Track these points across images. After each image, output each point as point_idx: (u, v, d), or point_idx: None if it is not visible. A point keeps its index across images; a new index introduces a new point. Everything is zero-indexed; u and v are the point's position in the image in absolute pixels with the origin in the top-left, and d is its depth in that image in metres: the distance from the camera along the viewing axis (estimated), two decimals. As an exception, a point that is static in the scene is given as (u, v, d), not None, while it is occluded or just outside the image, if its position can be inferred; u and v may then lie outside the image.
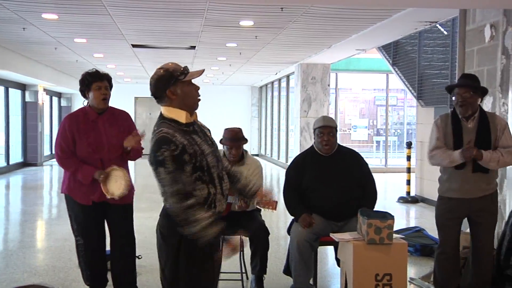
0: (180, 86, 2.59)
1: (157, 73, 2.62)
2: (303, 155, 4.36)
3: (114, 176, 3.74)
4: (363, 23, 7.31)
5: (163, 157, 2.43)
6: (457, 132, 3.84)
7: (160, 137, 2.49)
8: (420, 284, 4.63)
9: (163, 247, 2.65)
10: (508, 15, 4.89)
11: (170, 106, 2.59)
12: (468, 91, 3.81)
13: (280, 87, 16.81)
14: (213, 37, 8.64)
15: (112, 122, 3.88)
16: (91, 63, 12.61)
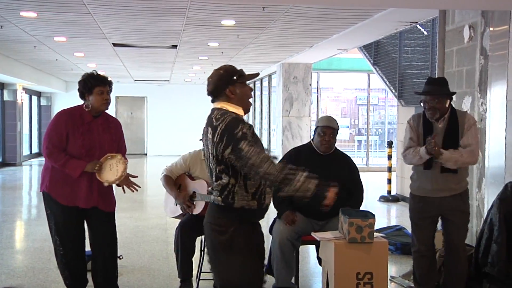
0: (238, 86, 2.77)
1: (217, 73, 2.81)
2: (299, 149, 4.38)
3: (109, 164, 3.72)
4: (345, 23, 7.33)
5: (241, 132, 2.59)
6: (427, 133, 3.89)
7: (232, 118, 2.64)
8: (400, 282, 4.66)
9: (215, 243, 2.70)
10: (486, 16, 4.95)
11: (228, 102, 2.75)
12: (433, 98, 3.86)
13: (262, 87, 16.79)
14: (195, 36, 8.59)
15: (106, 128, 3.87)
16: (71, 62, 12.46)
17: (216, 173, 2.71)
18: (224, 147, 2.60)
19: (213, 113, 2.73)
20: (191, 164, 4.43)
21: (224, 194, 2.67)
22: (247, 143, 2.58)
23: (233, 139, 2.58)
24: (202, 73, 14.84)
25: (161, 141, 19.15)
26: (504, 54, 4.63)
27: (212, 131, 2.67)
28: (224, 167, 2.67)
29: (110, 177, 3.71)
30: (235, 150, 2.57)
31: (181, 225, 4.29)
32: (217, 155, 2.65)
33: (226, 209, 2.68)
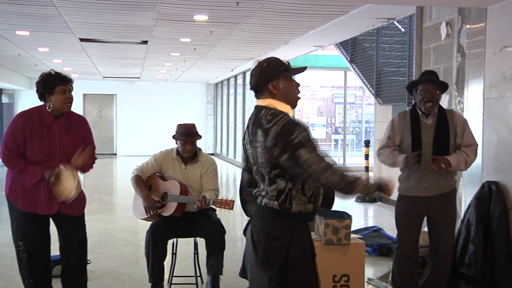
0: (283, 81, 2.59)
1: (260, 66, 2.64)
2: None
3: (64, 176, 3.52)
4: (321, 19, 7.27)
5: (299, 138, 2.44)
6: (415, 129, 3.82)
7: (287, 122, 2.48)
8: (377, 284, 4.59)
9: (270, 249, 2.58)
10: (462, 13, 4.91)
11: (273, 98, 2.57)
12: (436, 87, 3.80)
13: (236, 84, 16.67)
14: (166, 31, 8.43)
15: (68, 129, 3.67)
16: (35, 57, 12.10)
17: (270, 177, 2.56)
18: (281, 153, 2.46)
19: (261, 113, 2.55)
20: (163, 163, 4.32)
21: (281, 199, 2.54)
22: (306, 150, 2.44)
23: (290, 146, 2.44)
24: (174, 70, 14.65)
25: (131, 141, 18.84)
26: (480, 52, 4.59)
27: (264, 134, 2.50)
28: (280, 171, 2.52)
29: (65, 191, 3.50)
30: (293, 158, 2.44)
31: (152, 228, 4.16)
32: (271, 160, 2.51)
33: (283, 214, 2.56)
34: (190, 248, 4.61)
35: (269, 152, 2.48)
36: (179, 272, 4.63)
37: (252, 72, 2.65)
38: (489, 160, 4.38)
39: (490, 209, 4.21)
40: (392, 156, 3.82)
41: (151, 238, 4.09)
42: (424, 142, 3.80)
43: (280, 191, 2.54)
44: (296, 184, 2.53)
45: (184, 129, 4.27)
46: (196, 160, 4.28)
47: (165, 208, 4.16)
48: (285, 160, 2.45)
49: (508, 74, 4.19)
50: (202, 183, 4.24)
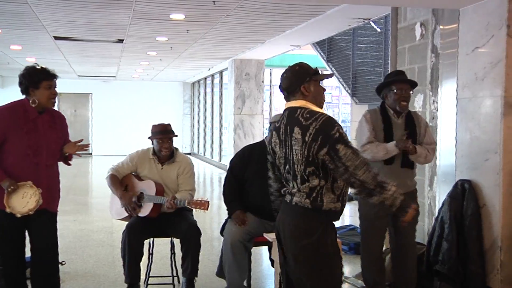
0: (313, 84, 2.72)
1: (293, 69, 2.76)
2: (252, 147, 4.29)
3: (23, 191, 3.43)
4: (298, 18, 7.28)
5: (338, 134, 2.53)
6: (387, 128, 3.89)
7: (327, 118, 2.59)
8: (353, 282, 4.63)
9: (301, 246, 2.64)
10: (436, 14, 4.97)
11: (305, 100, 2.70)
12: (409, 87, 3.90)
13: (213, 83, 16.61)
14: (143, 30, 8.33)
15: (52, 124, 3.61)
16: (7, 55, 11.86)
17: (303, 175, 2.62)
18: (319, 148, 2.54)
19: (297, 113, 2.64)
20: (139, 163, 4.28)
21: (313, 196, 2.61)
22: (345, 146, 2.52)
23: (330, 140, 2.52)
24: (150, 69, 14.52)
25: (107, 140, 18.59)
26: (454, 53, 4.66)
27: (302, 131, 2.58)
28: (314, 168, 2.59)
29: (17, 207, 3.42)
30: (331, 152, 2.52)
31: (128, 228, 4.12)
32: (308, 156, 2.57)
33: (314, 212, 2.62)
34: (166, 248, 4.58)
35: (308, 147, 2.55)
36: (155, 272, 4.60)
37: (284, 74, 2.76)
38: (462, 159, 4.45)
39: (463, 207, 4.28)
40: (383, 147, 3.82)
41: (127, 238, 4.05)
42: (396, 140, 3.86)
43: (312, 188, 2.61)
44: (327, 182, 2.60)
45: (160, 127, 4.25)
46: (172, 160, 4.25)
47: (141, 208, 4.13)
48: (324, 154, 2.53)
49: (480, 74, 4.26)
50: (178, 183, 4.22)
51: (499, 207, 4.05)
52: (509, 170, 4.04)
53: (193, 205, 3.99)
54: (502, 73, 4.03)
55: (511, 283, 4.04)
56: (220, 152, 15.43)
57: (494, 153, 4.09)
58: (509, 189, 4.04)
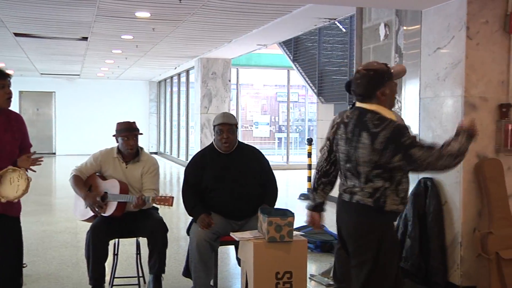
0: (388, 86, 2.74)
1: (366, 75, 2.74)
2: (202, 153, 4.23)
3: (9, 178, 3.38)
4: (264, 18, 7.30)
5: (410, 140, 2.62)
6: None
7: (396, 127, 2.64)
8: (320, 280, 4.67)
9: (363, 243, 2.77)
10: (400, 15, 5.06)
11: (379, 105, 2.73)
12: None
13: (179, 82, 16.50)
14: (107, 28, 8.21)
15: (7, 127, 3.50)
16: (-37, 52, 11.49)
17: (367, 176, 2.72)
18: (392, 155, 2.63)
19: (367, 117, 2.70)
20: (103, 163, 4.22)
21: (376, 196, 2.70)
22: (417, 148, 2.61)
23: (403, 148, 2.61)
24: (115, 67, 14.33)
25: (71, 139, 18.23)
26: (416, 53, 4.74)
27: (371, 137, 2.65)
28: (382, 171, 2.69)
29: (10, 193, 3.37)
30: (407, 157, 2.61)
31: (93, 228, 4.06)
32: (378, 161, 2.66)
33: (376, 210, 2.72)
34: (132, 249, 4.53)
35: (378, 154, 2.64)
36: (121, 273, 4.54)
37: (358, 81, 2.75)
38: (424, 157, 4.53)
39: (426, 205, 4.37)
40: None
41: (92, 239, 3.99)
42: None
43: (376, 189, 2.70)
44: (392, 185, 2.70)
45: (125, 125, 4.20)
46: (137, 159, 4.20)
47: (106, 208, 4.07)
48: (398, 161, 2.62)
49: (441, 74, 4.36)
50: (142, 182, 4.17)
51: (460, 204, 4.16)
52: (469, 168, 4.14)
53: (157, 201, 3.95)
54: (462, 74, 4.13)
55: (470, 278, 4.15)
56: (187, 152, 15.34)
57: (455, 152, 4.18)
58: (469, 187, 4.15)
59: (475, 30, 4.11)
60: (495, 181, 4.09)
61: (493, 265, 3.95)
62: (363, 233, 2.77)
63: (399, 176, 2.71)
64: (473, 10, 4.09)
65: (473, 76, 4.12)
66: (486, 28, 4.13)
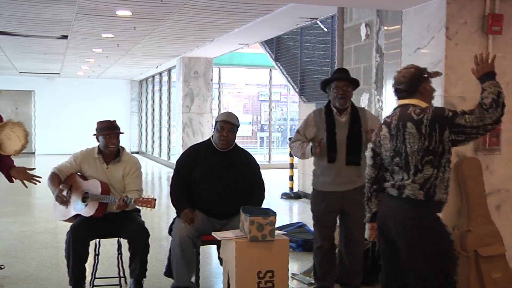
0: (428, 83, 2.96)
1: (409, 71, 2.96)
2: (198, 146, 4.26)
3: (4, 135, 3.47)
4: (246, 17, 7.30)
5: (451, 112, 2.76)
6: (330, 127, 3.98)
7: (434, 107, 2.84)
8: (301, 279, 4.68)
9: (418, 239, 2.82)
10: (380, 15, 5.09)
11: (421, 100, 2.90)
12: (348, 84, 3.99)
13: (161, 81, 16.41)
14: (88, 26, 8.13)
15: None
16: None
17: (417, 165, 2.82)
18: (441, 133, 2.75)
19: (410, 109, 2.86)
20: (83, 163, 4.18)
21: (426, 187, 2.80)
22: (460, 117, 2.72)
23: (447, 121, 2.74)
24: (96, 66, 14.19)
25: (50, 139, 18.00)
26: (397, 53, 4.78)
27: (416, 125, 2.79)
28: (432, 157, 2.79)
29: (16, 146, 3.41)
30: (454, 129, 2.73)
31: (73, 228, 4.01)
32: (428, 145, 2.77)
33: (426, 202, 2.81)
34: (113, 249, 4.49)
35: (428, 138, 2.76)
36: (102, 273, 4.50)
37: (402, 78, 2.94)
38: (405, 156, 4.57)
39: (406, 203, 4.39)
40: (301, 147, 4.02)
41: (72, 239, 3.94)
42: (339, 139, 3.96)
43: (427, 179, 2.80)
44: (439, 172, 2.80)
45: (106, 123, 4.16)
46: (118, 159, 4.16)
47: (87, 209, 4.03)
48: (448, 136, 2.74)
49: (422, 74, 4.39)
50: (124, 183, 4.13)
51: (440, 202, 4.19)
52: (448, 167, 4.18)
53: (139, 203, 3.93)
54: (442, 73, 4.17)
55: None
56: (169, 151, 15.27)
57: (434, 150, 4.22)
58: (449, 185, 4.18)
59: (454, 31, 4.15)
60: (474, 179, 4.14)
61: (471, 262, 4.00)
62: (415, 228, 2.84)
63: (445, 162, 2.82)
64: (452, 11, 4.14)
65: (452, 76, 4.17)
66: (465, 29, 4.18)
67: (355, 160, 3.98)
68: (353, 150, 3.97)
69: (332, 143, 3.95)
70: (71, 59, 12.62)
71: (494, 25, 4.16)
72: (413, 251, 2.85)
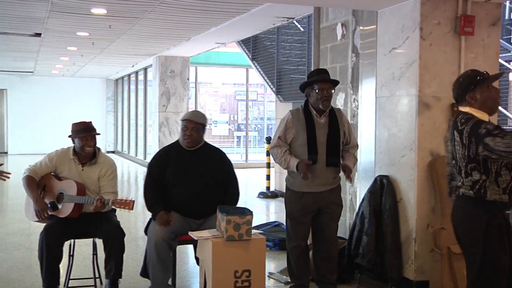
0: (479, 92, 2.97)
1: (457, 80, 3.09)
2: (168, 148, 4.22)
3: None
4: (223, 16, 7.27)
5: (485, 130, 2.83)
6: (310, 128, 3.96)
7: (476, 121, 2.91)
8: (278, 278, 4.69)
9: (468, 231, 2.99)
10: (356, 15, 5.13)
11: (471, 107, 2.99)
12: (331, 86, 3.98)
13: (137, 80, 16.26)
14: (62, 24, 8.00)
15: None
16: None
17: (466, 170, 2.96)
18: (476, 147, 2.87)
19: (458, 117, 3.00)
20: (58, 163, 4.12)
21: (476, 188, 2.93)
22: (491, 138, 2.80)
23: (480, 138, 2.84)
24: (71, 64, 13.99)
25: (23, 138, 17.70)
26: (372, 53, 4.82)
27: (459, 134, 2.95)
28: (476, 164, 2.91)
29: None
30: (485, 147, 2.82)
31: (46, 229, 3.96)
32: (469, 155, 2.91)
33: (478, 201, 2.94)
34: (88, 249, 4.44)
35: (468, 148, 2.91)
36: (76, 274, 4.44)
37: (453, 86, 3.10)
38: (381, 155, 4.63)
39: (382, 202, 4.44)
40: (285, 161, 3.94)
41: (45, 240, 3.89)
42: (319, 140, 3.95)
43: (475, 182, 2.93)
44: (490, 177, 2.90)
45: (82, 125, 4.10)
46: (94, 161, 4.11)
47: (62, 210, 3.97)
48: (482, 151, 2.85)
49: (396, 74, 4.45)
50: (100, 185, 4.09)
51: (414, 201, 4.25)
52: (423, 166, 4.24)
53: (117, 205, 3.89)
54: (416, 73, 4.22)
55: (423, 273, 4.25)
56: (145, 150, 15.15)
57: (409, 150, 4.28)
58: (423, 184, 4.25)
59: (428, 31, 4.21)
60: (447, 178, 4.20)
61: (445, 259, 4.06)
62: (468, 224, 2.98)
63: (496, 168, 2.89)
64: (426, 12, 4.19)
65: (426, 76, 4.22)
66: (438, 29, 4.24)
67: (334, 161, 3.99)
68: (333, 151, 3.97)
69: (312, 145, 3.93)
70: (45, 57, 12.42)
71: (466, 26, 4.23)
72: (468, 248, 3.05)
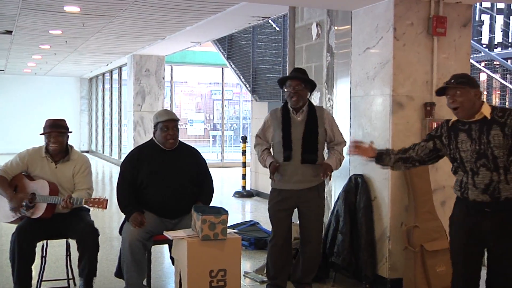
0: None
1: None
2: (141, 148, 4.18)
3: None
4: (198, 15, 7.25)
5: None
6: (285, 126, 4.01)
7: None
8: (254, 277, 4.69)
9: None
10: (331, 15, 5.16)
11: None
12: (299, 83, 4.02)
13: (112, 79, 16.10)
14: (34, 22, 7.87)
15: None
16: None
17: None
18: None
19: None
20: (30, 162, 4.04)
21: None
22: None
23: None
24: (44, 63, 13.77)
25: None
26: (347, 52, 4.86)
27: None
28: None
29: None
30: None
31: (18, 230, 3.88)
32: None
33: None
34: (61, 250, 4.38)
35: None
36: (49, 276, 4.38)
37: None
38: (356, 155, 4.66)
39: (357, 200, 4.49)
40: (262, 160, 4.13)
41: (17, 241, 3.81)
42: (294, 137, 3.99)
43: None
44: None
45: (50, 122, 4.03)
46: (67, 158, 4.05)
47: (34, 210, 3.90)
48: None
49: (371, 74, 4.49)
50: (75, 182, 4.03)
51: (388, 199, 4.31)
52: (397, 164, 4.29)
53: (90, 204, 3.84)
54: (390, 73, 4.28)
55: (397, 270, 4.31)
56: (120, 150, 15.00)
57: (383, 148, 4.33)
58: (397, 182, 4.30)
59: (402, 32, 4.26)
60: (421, 176, 4.26)
61: (417, 257, 4.12)
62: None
63: None
64: (399, 12, 4.25)
65: (400, 76, 4.28)
66: (411, 30, 4.30)
67: (311, 158, 4.01)
68: (309, 148, 4.01)
69: (287, 141, 3.98)
70: (16, 55, 12.20)
71: (439, 27, 4.30)
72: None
